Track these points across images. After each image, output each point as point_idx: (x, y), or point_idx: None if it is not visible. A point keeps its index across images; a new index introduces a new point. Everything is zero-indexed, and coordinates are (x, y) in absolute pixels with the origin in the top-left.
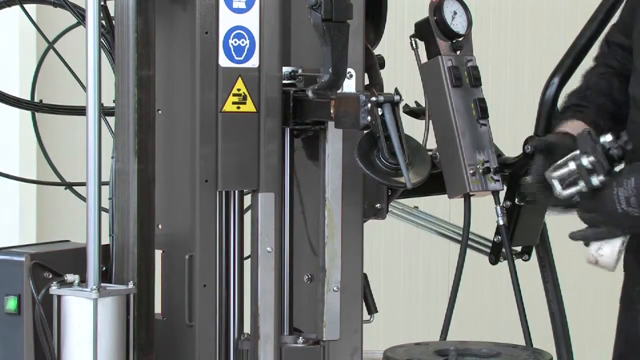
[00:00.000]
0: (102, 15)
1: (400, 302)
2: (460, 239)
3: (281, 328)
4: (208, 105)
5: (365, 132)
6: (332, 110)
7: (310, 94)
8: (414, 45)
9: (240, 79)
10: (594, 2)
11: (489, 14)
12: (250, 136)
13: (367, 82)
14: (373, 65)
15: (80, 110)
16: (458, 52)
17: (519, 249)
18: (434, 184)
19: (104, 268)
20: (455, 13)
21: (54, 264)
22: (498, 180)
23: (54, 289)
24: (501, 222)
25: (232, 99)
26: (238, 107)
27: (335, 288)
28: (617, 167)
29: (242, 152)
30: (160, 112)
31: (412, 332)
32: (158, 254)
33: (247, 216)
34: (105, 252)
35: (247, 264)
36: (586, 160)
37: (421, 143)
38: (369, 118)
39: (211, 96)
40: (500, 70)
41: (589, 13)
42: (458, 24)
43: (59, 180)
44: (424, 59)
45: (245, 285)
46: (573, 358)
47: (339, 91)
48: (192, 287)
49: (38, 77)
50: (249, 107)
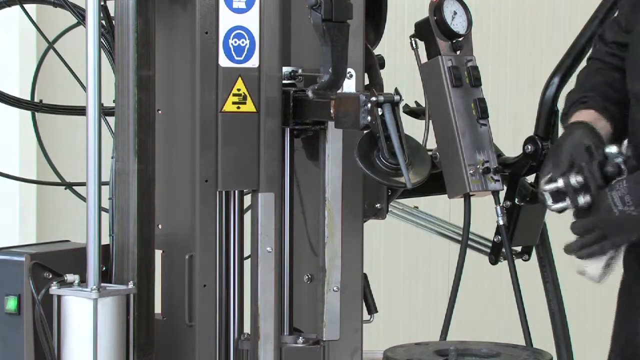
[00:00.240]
0: (102, 15)
1: (400, 302)
2: (460, 239)
3: (281, 328)
4: (208, 105)
5: (365, 132)
6: (332, 110)
7: (310, 94)
8: (414, 45)
9: (240, 79)
10: (594, 2)
11: (489, 14)
12: (250, 136)
13: (367, 82)
14: (373, 65)
15: (80, 110)
16: (458, 52)
17: (519, 249)
18: (434, 184)
19: (104, 268)
20: (455, 13)
21: (54, 264)
22: (498, 180)
23: (54, 289)
24: (501, 222)
25: (232, 99)
26: (238, 107)
27: (335, 288)
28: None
29: (242, 152)
30: (160, 112)
31: (412, 332)
32: (158, 254)
33: (247, 216)
34: (105, 252)
35: (247, 264)
36: (574, 179)
37: (421, 143)
38: (369, 118)
39: (211, 96)
40: (500, 70)
41: (589, 13)
42: (458, 24)
43: (59, 180)
44: (424, 59)
45: (245, 285)
46: (573, 358)
47: (339, 91)
48: (192, 287)
49: (38, 77)
50: (249, 107)
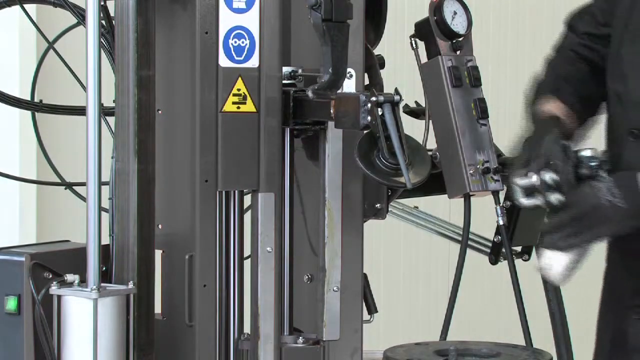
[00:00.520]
0: (102, 15)
1: (400, 302)
2: (460, 239)
3: (281, 328)
4: (208, 105)
5: (365, 132)
6: (332, 110)
7: (310, 94)
8: (414, 45)
9: (240, 79)
10: None
11: (489, 14)
12: (250, 136)
13: (367, 82)
14: (373, 65)
15: (80, 110)
16: (458, 52)
17: (519, 249)
18: (434, 184)
19: (104, 268)
20: (455, 13)
21: (54, 264)
22: (498, 180)
23: (54, 289)
24: (501, 222)
25: (232, 99)
26: (238, 107)
27: (335, 288)
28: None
29: (242, 152)
30: (160, 112)
31: (412, 332)
32: (158, 254)
33: (247, 216)
34: (105, 252)
35: (247, 264)
36: (549, 177)
37: (421, 143)
38: (369, 118)
39: (211, 96)
40: (500, 70)
41: None
42: (458, 24)
43: (59, 180)
44: (424, 59)
45: (245, 285)
46: (573, 358)
47: (339, 91)
48: (192, 287)
49: (38, 77)
50: (249, 107)
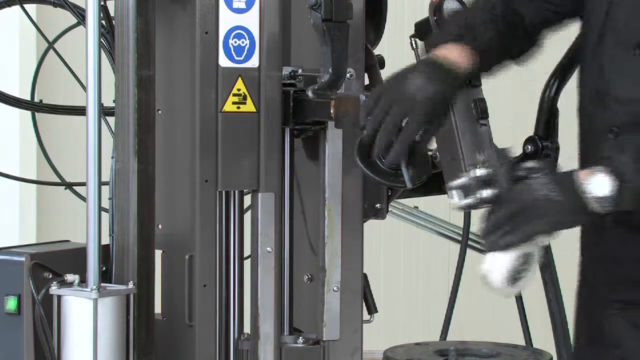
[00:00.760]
0: (102, 15)
1: (400, 302)
2: (460, 239)
3: (281, 328)
4: (208, 105)
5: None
6: (332, 110)
7: (310, 94)
8: (414, 45)
9: (240, 79)
10: None
11: None
12: (250, 136)
13: (367, 82)
14: (373, 65)
15: (80, 110)
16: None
17: None
18: (434, 184)
19: (104, 268)
20: None
21: (54, 264)
22: None
23: (54, 289)
24: None
25: (232, 99)
26: (238, 107)
27: (335, 288)
28: None
29: (242, 152)
30: (160, 112)
31: (412, 332)
32: (158, 254)
33: (247, 216)
34: (105, 252)
35: (247, 264)
36: (480, 172)
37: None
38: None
39: (211, 96)
40: None
41: None
42: None
43: (59, 180)
44: None
45: (245, 285)
46: None
47: (339, 91)
48: (192, 287)
49: (38, 77)
50: (249, 107)
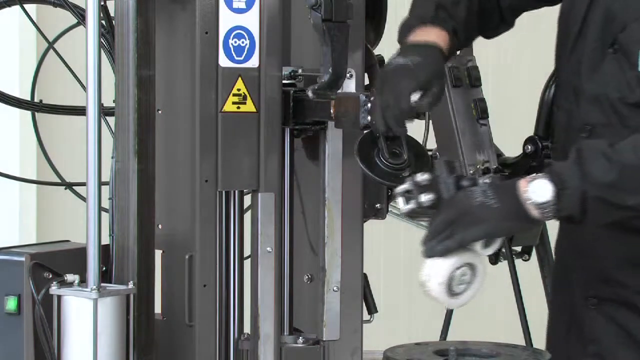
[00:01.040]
0: (102, 15)
1: (400, 302)
2: None
3: (281, 328)
4: (208, 105)
5: (365, 132)
6: (332, 110)
7: (310, 94)
8: None
9: (240, 79)
10: None
11: None
12: (250, 136)
13: (367, 82)
14: (373, 65)
15: (80, 110)
16: (458, 52)
17: (519, 249)
18: None
19: (104, 268)
20: None
21: (54, 264)
22: None
23: (54, 289)
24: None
25: (232, 99)
26: (238, 107)
27: (335, 288)
28: None
29: (242, 152)
30: (160, 112)
31: (412, 332)
32: (158, 254)
33: (247, 216)
34: (105, 252)
35: (247, 264)
36: (420, 177)
37: (421, 143)
38: (369, 118)
39: (211, 96)
40: (500, 70)
41: None
42: None
43: (59, 180)
44: None
45: (245, 285)
46: None
47: (339, 91)
48: (192, 287)
49: (38, 77)
50: (249, 107)
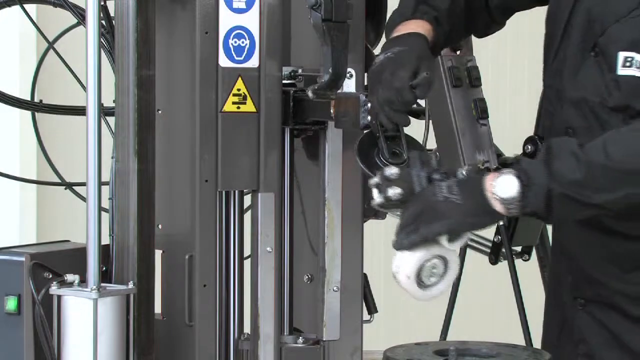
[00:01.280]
0: (102, 15)
1: (400, 302)
2: None
3: (281, 328)
4: (208, 105)
5: (365, 132)
6: (332, 110)
7: (310, 94)
8: None
9: (240, 79)
10: None
11: None
12: (250, 136)
13: (367, 82)
14: None
15: (80, 110)
16: (458, 52)
17: (519, 249)
18: None
19: (104, 268)
20: None
21: (54, 264)
22: None
23: (54, 289)
24: (501, 222)
25: (232, 99)
26: (238, 107)
27: (335, 288)
28: None
29: (242, 152)
30: (160, 112)
31: (412, 332)
32: (158, 254)
33: (247, 216)
34: (105, 252)
35: (247, 264)
36: (389, 172)
37: (421, 143)
38: (369, 118)
39: (211, 96)
40: (500, 70)
41: None
42: None
43: (59, 180)
44: None
45: (245, 285)
46: None
47: (339, 91)
48: (192, 287)
49: (38, 77)
50: (249, 107)
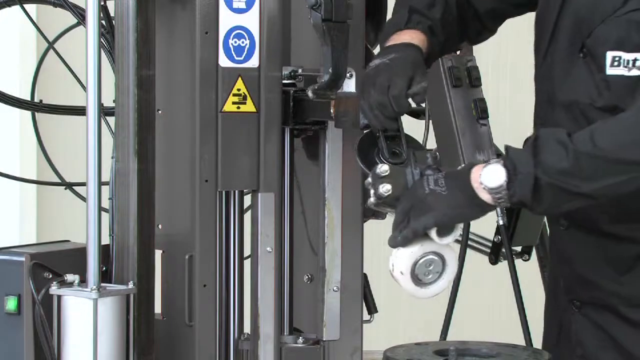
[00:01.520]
0: (102, 15)
1: (400, 302)
2: (459, 238)
3: (281, 328)
4: (208, 105)
5: (365, 132)
6: (332, 110)
7: (310, 93)
8: None
9: (240, 79)
10: None
11: None
12: (250, 136)
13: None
14: None
15: (80, 110)
16: (458, 52)
17: (519, 249)
18: None
19: (104, 268)
20: None
21: (54, 264)
22: None
23: (54, 289)
24: (501, 222)
25: (232, 99)
26: (238, 107)
27: (335, 288)
28: None
29: (242, 152)
30: (160, 112)
31: (412, 332)
32: (158, 254)
33: (247, 216)
34: (105, 252)
35: (247, 264)
36: (379, 170)
37: (421, 143)
38: None
39: (211, 96)
40: (500, 70)
41: None
42: None
43: (59, 180)
44: None
45: (245, 285)
46: None
47: (339, 91)
48: (192, 287)
49: (38, 77)
50: (249, 107)
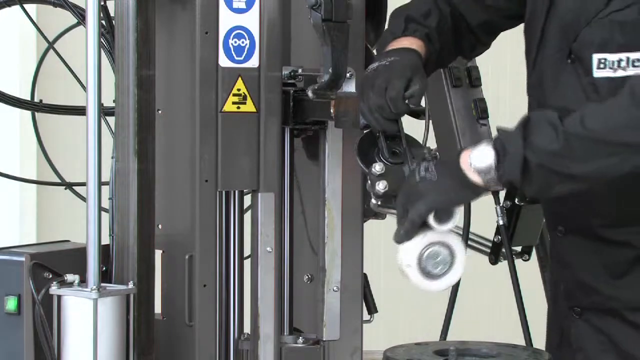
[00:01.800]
0: (102, 15)
1: (400, 302)
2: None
3: (281, 328)
4: (208, 105)
5: (365, 131)
6: (332, 110)
7: (310, 93)
8: None
9: (240, 79)
10: None
11: None
12: (250, 136)
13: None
14: None
15: (80, 110)
16: None
17: (519, 249)
18: None
19: (104, 268)
20: None
21: (54, 264)
22: None
23: (54, 289)
24: (501, 222)
25: (232, 99)
26: (238, 107)
27: (335, 288)
28: None
29: (242, 152)
30: (160, 112)
31: (412, 332)
32: (158, 254)
33: (247, 216)
34: (105, 252)
35: (247, 264)
36: (374, 168)
37: (421, 143)
38: None
39: (211, 96)
40: (500, 70)
41: None
42: None
43: (59, 180)
44: None
45: (245, 285)
46: None
47: (339, 91)
48: (192, 287)
49: (38, 77)
50: (249, 107)
